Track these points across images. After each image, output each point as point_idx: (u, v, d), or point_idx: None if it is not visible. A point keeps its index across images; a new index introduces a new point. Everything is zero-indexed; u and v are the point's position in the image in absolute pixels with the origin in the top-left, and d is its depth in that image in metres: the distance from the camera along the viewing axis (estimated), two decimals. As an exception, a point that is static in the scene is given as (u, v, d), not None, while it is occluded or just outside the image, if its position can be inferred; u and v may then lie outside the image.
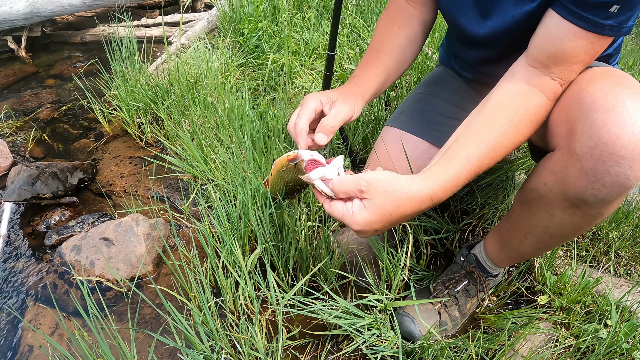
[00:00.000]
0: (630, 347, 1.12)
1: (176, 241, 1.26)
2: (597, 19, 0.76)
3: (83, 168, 1.66)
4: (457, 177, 0.79)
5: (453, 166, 0.79)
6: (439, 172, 0.79)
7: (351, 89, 1.04)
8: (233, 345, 1.08)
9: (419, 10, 1.13)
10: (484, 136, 0.82)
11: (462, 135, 0.85)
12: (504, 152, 0.84)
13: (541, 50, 0.84)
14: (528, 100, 0.86)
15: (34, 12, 2.57)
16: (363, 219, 0.77)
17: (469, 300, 1.20)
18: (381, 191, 0.76)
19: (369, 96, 1.06)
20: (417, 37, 1.15)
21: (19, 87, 2.35)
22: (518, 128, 0.84)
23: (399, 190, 0.76)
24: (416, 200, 0.76)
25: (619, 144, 0.72)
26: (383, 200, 0.76)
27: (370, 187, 0.77)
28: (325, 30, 2.44)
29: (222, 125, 1.64)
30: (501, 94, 0.88)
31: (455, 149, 0.82)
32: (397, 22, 1.13)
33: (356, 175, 0.80)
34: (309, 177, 0.85)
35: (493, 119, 0.84)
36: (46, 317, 1.20)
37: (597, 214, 0.84)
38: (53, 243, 1.40)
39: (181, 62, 1.95)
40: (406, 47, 1.13)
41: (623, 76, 0.80)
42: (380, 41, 1.13)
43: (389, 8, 1.16)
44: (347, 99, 0.99)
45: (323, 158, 0.89)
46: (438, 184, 0.77)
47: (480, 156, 0.81)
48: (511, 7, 0.90)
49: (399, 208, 0.76)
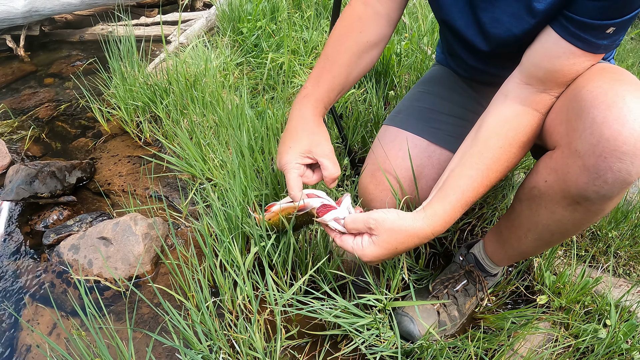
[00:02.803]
0: (630, 347, 1.12)
1: (174, 240, 1.25)
2: (593, 40, 0.80)
3: (81, 167, 1.65)
4: (454, 211, 0.88)
5: (449, 202, 0.88)
6: (438, 209, 0.88)
7: (310, 120, 1.03)
8: (231, 345, 1.08)
9: (388, 8, 1.07)
10: (476, 166, 0.89)
11: (457, 167, 0.91)
12: (498, 177, 0.91)
13: (539, 67, 0.87)
14: (519, 122, 0.91)
15: (33, 10, 2.56)
16: (371, 253, 0.89)
17: (468, 299, 1.20)
18: (388, 228, 0.88)
19: (325, 110, 1.08)
20: (380, 41, 1.09)
21: (17, 86, 2.35)
22: (510, 153, 0.90)
23: (403, 229, 0.87)
24: (418, 237, 0.88)
25: (621, 140, 0.72)
26: (389, 237, 0.88)
27: (378, 224, 0.88)
28: (325, 29, 2.43)
29: (220, 124, 1.64)
30: (492, 120, 0.93)
31: (451, 184, 0.90)
32: (360, 26, 1.06)
33: (366, 214, 0.91)
34: (324, 220, 0.96)
35: (485, 147, 0.90)
36: (44, 317, 1.19)
37: (598, 210, 0.84)
38: (51, 242, 1.39)
39: (180, 61, 1.95)
40: (364, 56, 1.08)
41: (622, 72, 0.80)
42: (336, 48, 1.06)
43: (353, 5, 1.08)
44: (316, 136, 1.02)
45: (331, 200, 0.99)
46: (437, 221, 0.87)
47: (475, 187, 0.89)
48: (513, 25, 0.91)
49: (403, 243, 0.88)
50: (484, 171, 0.89)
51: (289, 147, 1.01)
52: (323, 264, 1.17)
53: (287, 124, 1.05)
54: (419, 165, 1.16)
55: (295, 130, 1.03)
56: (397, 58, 2.05)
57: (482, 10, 0.94)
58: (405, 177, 1.16)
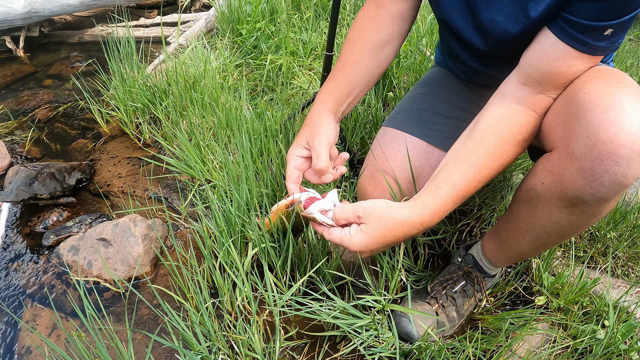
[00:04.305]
0: (628, 348, 1.12)
1: (174, 242, 1.25)
2: (591, 42, 0.80)
3: (81, 168, 1.66)
4: (445, 203, 0.87)
5: (439, 194, 0.87)
6: (427, 200, 0.87)
7: (316, 114, 1.06)
8: (230, 346, 1.08)
9: (400, 8, 1.09)
10: (470, 162, 0.89)
11: (451, 160, 0.91)
12: (492, 174, 0.90)
13: (536, 69, 0.87)
14: (515, 121, 0.90)
15: (32, 12, 2.57)
16: (359, 241, 0.88)
17: (466, 300, 1.20)
18: (376, 216, 0.87)
19: (340, 113, 1.10)
20: (394, 38, 1.11)
21: (16, 87, 2.35)
22: (505, 150, 0.89)
23: (392, 217, 0.86)
24: (407, 225, 0.87)
25: (617, 143, 0.72)
26: (377, 224, 0.87)
27: (367, 213, 0.88)
28: (323, 30, 2.44)
29: (220, 125, 1.64)
30: (489, 117, 0.93)
31: (443, 177, 0.89)
32: (372, 25, 1.09)
33: (355, 204, 0.90)
34: (308, 212, 0.96)
35: (480, 143, 0.90)
36: (44, 318, 1.19)
37: (594, 213, 0.84)
38: (51, 243, 1.39)
39: (179, 62, 1.95)
40: (377, 53, 1.10)
41: (619, 75, 0.80)
42: (349, 48, 1.10)
43: (366, 7, 1.12)
44: (316, 129, 1.03)
45: (318, 194, 1.00)
46: (426, 211, 0.87)
47: (467, 181, 0.88)
48: (510, 25, 0.91)
49: (391, 232, 0.87)
50: (477, 166, 0.88)
51: (295, 141, 1.06)
52: (322, 265, 1.18)
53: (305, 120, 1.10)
54: (418, 167, 1.17)
55: (303, 126, 1.08)
56: (395, 59, 2.06)
57: (479, 10, 0.95)
58: (404, 178, 1.16)
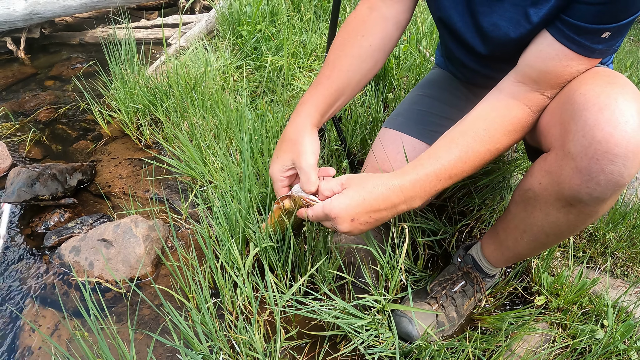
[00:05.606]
0: (627, 348, 1.13)
1: (175, 242, 1.26)
2: (588, 44, 0.80)
3: (82, 169, 1.66)
4: (427, 176, 0.88)
5: (422, 165, 0.89)
6: (408, 170, 0.89)
7: (301, 129, 1.02)
8: (231, 345, 1.09)
9: (395, 11, 1.05)
10: (457, 142, 0.89)
11: (439, 141, 0.92)
12: (480, 159, 0.90)
13: (532, 68, 0.88)
14: (508, 112, 0.91)
15: (33, 13, 2.57)
16: (339, 204, 0.88)
17: (466, 300, 1.21)
18: (357, 181, 0.91)
19: (322, 118, 1.06)
20: (385, 45, 1.06)
21: (17, 89, 2.36)
22: (494, 137, 0.89)
23: (372, 180, 0.89)
24: (385, 187, 0.88)
25: (613, 142, 0.73)
26: (357, 186, 0.89)
27: (349, 179, 0.92)
28: (324, 32, 2.45)
29: (220, 126, 1.65)
30: (483, 107, 0.94)
31: (429, 153, 0.91)
32: (362, 30, 1.04)
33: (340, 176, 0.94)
34: (292, 192, 1.00)
35: (469, 127, 0.91)
36: (46, 318, 1.20)
37: (592, 212, 0.85)
38: (52, 244, 1.40)
39: (180, 63, 1.96)
40: (367, 60, 1.05)
41: (614, 75, 0.81)
42: (337, 54, 1.05)
43: (358, 10, 1.06)
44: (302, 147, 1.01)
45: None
46: (407, 180, 0.88)
47: (452, 160, 0.88)
48: (511, 30, 0.92)
49: (371, 193, 0.88)
50: (464, 147, 0.88)
51: (277, 157, 1.05)
52: (322, 265, 1.18)
53: (284, 129, 1.06)
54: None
55: (285, 140, 1.04)
56: (395, 61, 2.06)
57: (480, 14, 0.95)
58: (404, 179, 1.16)
